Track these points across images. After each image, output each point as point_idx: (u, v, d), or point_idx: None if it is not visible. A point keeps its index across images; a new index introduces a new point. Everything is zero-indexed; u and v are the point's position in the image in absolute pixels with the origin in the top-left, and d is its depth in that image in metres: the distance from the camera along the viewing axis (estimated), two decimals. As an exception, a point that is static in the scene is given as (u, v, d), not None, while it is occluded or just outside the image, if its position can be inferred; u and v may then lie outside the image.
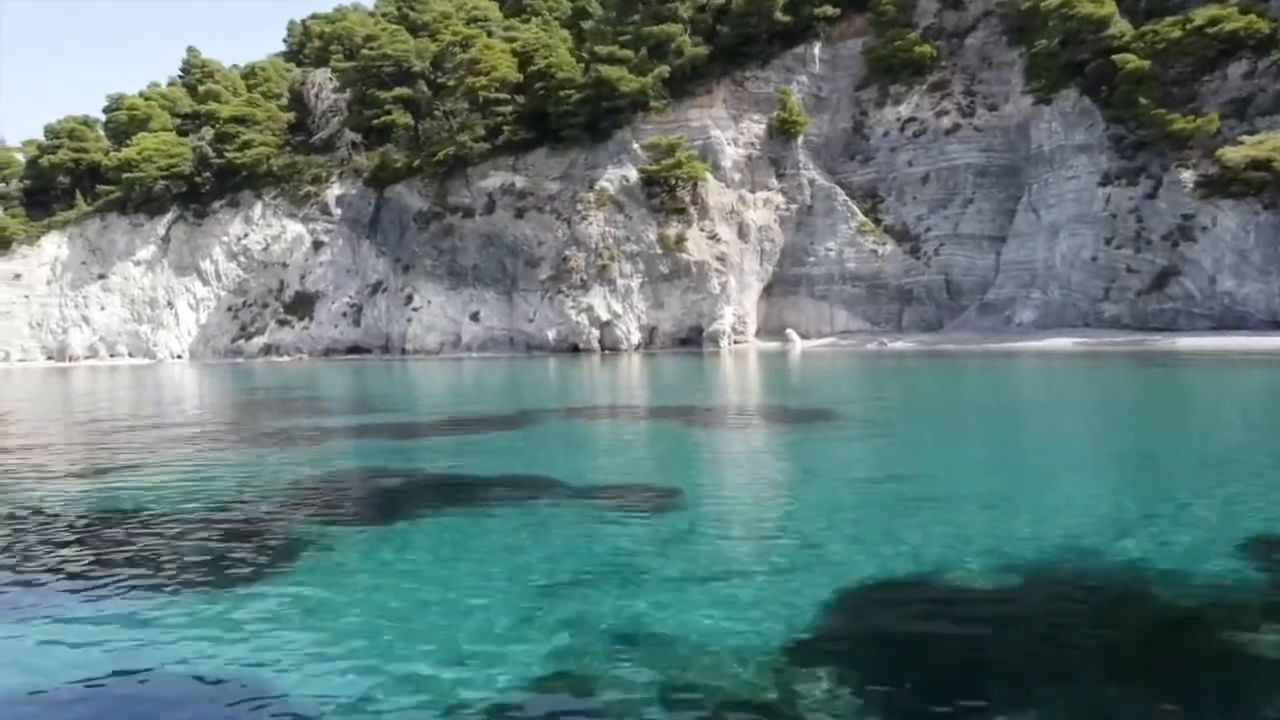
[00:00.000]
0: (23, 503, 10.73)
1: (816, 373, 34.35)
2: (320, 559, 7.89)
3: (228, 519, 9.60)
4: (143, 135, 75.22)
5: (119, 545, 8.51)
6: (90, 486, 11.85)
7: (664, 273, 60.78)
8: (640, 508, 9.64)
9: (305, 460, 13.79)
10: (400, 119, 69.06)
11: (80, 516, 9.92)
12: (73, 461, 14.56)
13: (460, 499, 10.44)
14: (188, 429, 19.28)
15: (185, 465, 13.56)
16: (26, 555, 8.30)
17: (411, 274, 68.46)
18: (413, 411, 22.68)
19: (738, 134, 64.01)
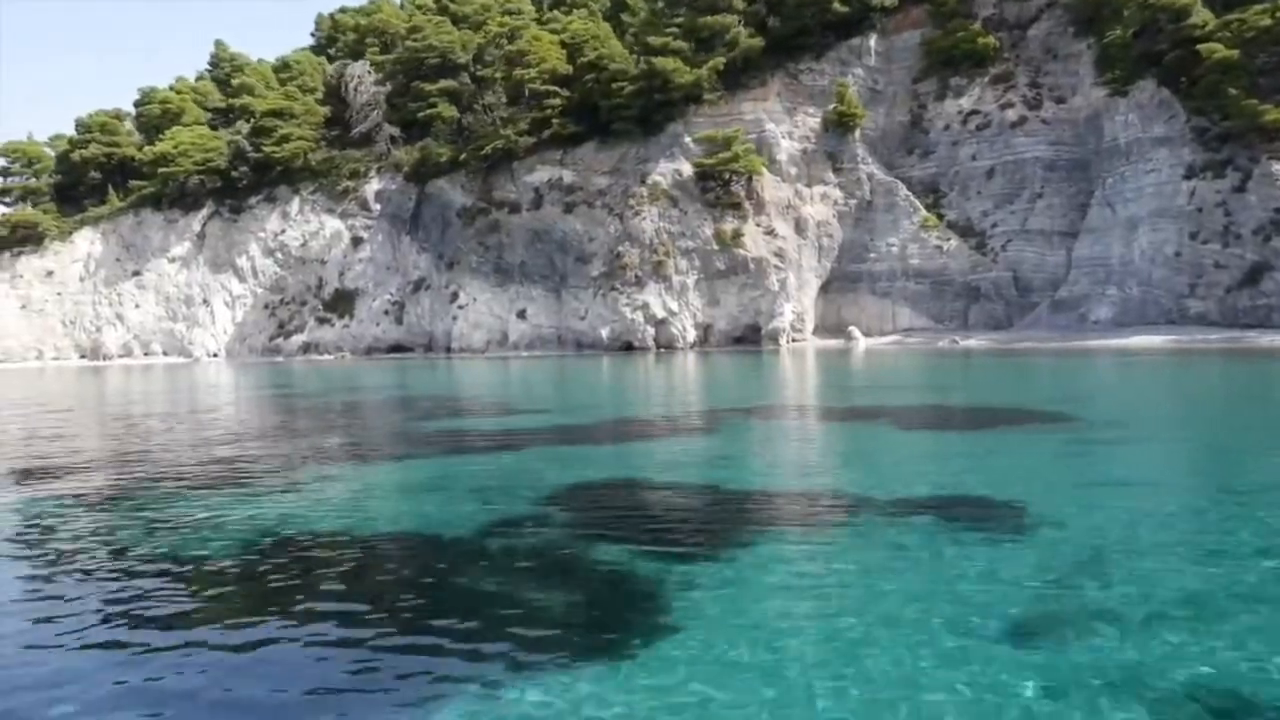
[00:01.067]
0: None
1: (921, 370, 32.85)
2: (708, 600, 6.38)
3: (529, 548, 8.13)
4: (177, 129, 73.69)
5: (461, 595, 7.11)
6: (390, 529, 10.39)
7: (720, 269, 59.36)
8: (991, 523, 8.25)
9: (550, 467, 12.33)
10: (446, 112, 67.52)
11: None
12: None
13: (780, 516, 8.99)
14: (369, 440, 17.83)
15: (443, 477, 12.12)
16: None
17: (456, 271, 66.99)
18: (573, 412, 21.05)
19: (792, 127, 62.57)
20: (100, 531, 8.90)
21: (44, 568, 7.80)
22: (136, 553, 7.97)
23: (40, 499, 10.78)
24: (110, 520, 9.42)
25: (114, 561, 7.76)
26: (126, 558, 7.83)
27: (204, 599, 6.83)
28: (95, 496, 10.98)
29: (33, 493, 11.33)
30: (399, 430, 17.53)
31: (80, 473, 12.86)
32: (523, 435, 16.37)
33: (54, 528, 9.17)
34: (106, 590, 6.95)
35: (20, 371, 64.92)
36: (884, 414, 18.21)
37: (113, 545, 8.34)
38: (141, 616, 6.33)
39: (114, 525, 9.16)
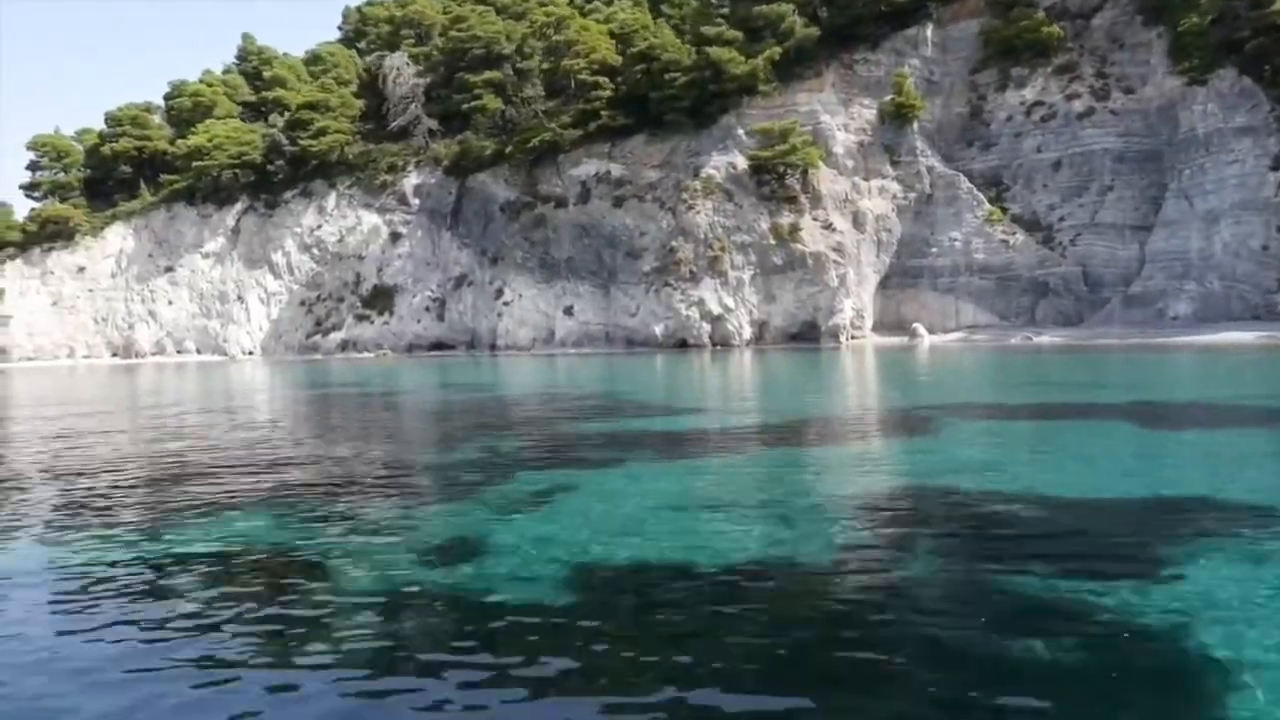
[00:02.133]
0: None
1: (1030, 367, 31.20)
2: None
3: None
4: (210, 122, 72.14)
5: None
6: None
7: (777, 264, 57.83)
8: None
9: (810, 474, 10.79)
10: (491, 103, 65.97)
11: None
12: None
13: (1191, 525, 7.43)
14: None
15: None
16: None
17: (500, 267, 65.44)
18: (742, 412, 19.21)
19: (848, 119, 61.09)
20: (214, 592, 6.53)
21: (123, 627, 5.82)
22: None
23: (81, 521, 9.08)
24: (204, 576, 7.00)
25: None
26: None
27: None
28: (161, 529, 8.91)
29: (69, 512, 9.64)
30: (572, 433, 15.98)
31: (124, 492, 11.16)
32: (721, 437, 14.85)
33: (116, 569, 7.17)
34: (201, 643, 5.39)
35: (51, 370, 63.39)
36: (1097, 412, 16.70)
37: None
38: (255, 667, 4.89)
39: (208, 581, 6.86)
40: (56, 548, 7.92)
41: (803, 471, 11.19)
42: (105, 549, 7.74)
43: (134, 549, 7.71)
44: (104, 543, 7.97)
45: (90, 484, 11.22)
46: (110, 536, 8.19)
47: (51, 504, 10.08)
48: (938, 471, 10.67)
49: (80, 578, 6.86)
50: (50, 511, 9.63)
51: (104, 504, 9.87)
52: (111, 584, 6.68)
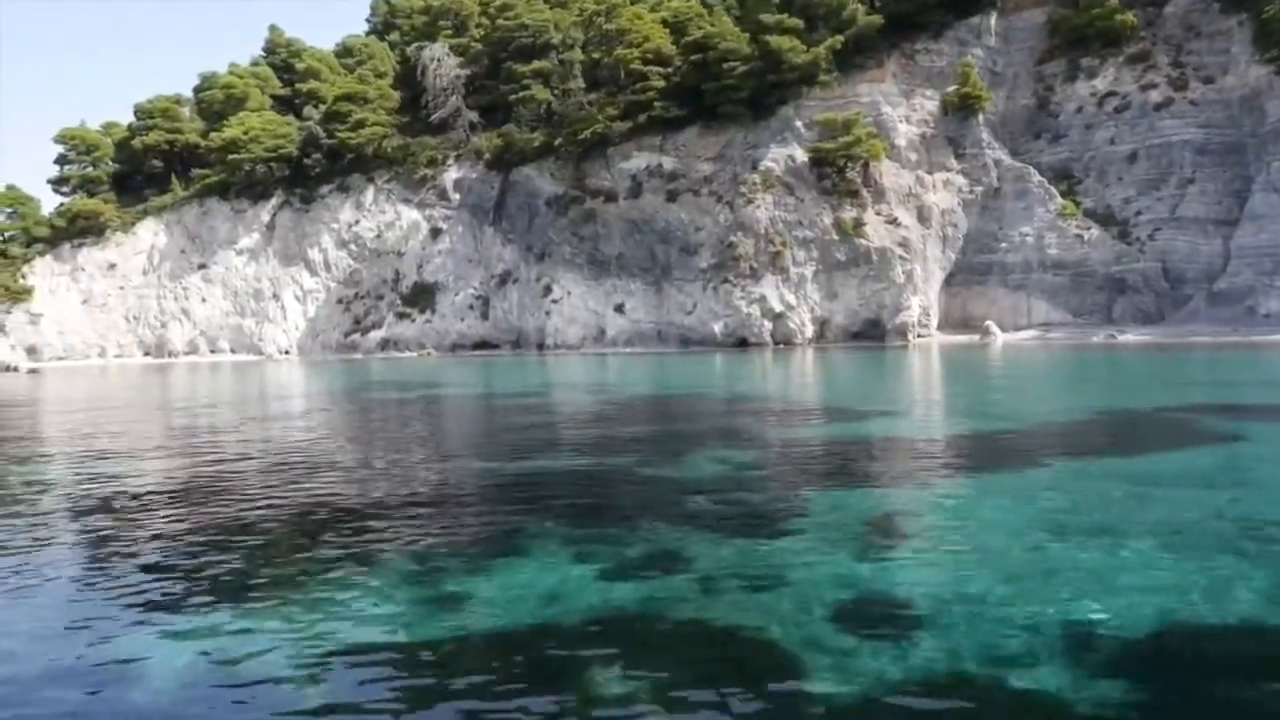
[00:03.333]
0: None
1: (1146, 366, 29.28)
2: None
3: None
4: (244, 114, 70.10)
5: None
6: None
7: (839, 260, 55.89)
8: None
9: (1122, 490, 8.86)
10: (540, 94, 64.00)
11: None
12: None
13: None
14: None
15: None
16: None
17: (548, 263, 63.47)
18: (953, 413, 17.60)
19: (909, 111, 59.18)
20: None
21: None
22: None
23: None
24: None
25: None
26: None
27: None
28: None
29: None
30: (807, 441, 14.03)
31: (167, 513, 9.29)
32: (970, 444, 12.90)
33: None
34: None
35: (83, 370, 61.43)
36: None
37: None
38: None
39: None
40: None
41: (1134, 484, 9.23)
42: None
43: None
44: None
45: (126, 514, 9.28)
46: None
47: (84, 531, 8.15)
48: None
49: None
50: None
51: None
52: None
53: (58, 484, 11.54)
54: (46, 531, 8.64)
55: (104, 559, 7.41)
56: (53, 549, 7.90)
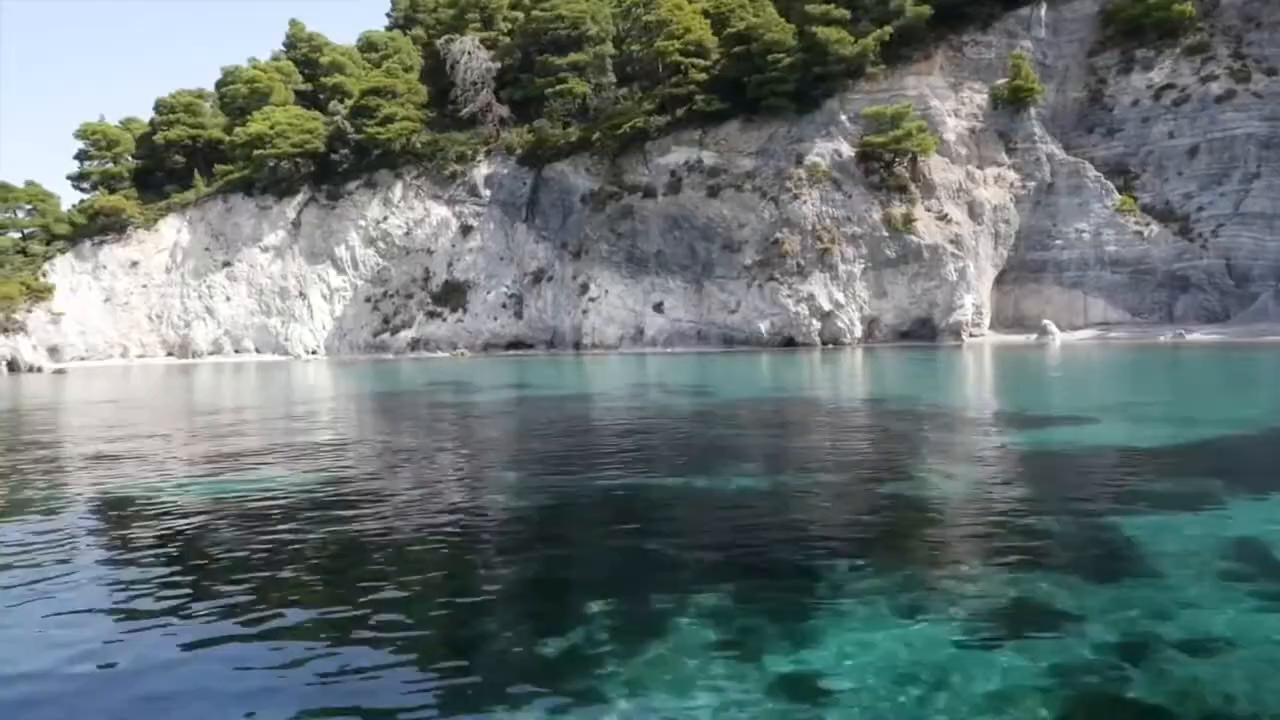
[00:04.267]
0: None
1: (1248, 368, 27.68)
2: None
3: None
4: (269, 109, 68.42)
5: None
6: None
7: (889, 257, 54.32)
8: None
9: None
10: (578, 87, 62.39)
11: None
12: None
13: None
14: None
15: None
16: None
17: (584, 261, 61.84)
18: (1143, 419, 15.97)
19: (958, 104, 57.61)
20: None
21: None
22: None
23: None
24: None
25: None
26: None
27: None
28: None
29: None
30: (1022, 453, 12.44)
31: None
32: (1216, 456, 11.32)
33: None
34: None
35: (105, 370, 59.80)
36: None
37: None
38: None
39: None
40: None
41: None
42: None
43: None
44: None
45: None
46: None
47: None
48: None
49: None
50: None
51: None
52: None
53: (120, 493, 9.95)
54: (121, 554, 7.22)
55: (181, 574, 6.32)
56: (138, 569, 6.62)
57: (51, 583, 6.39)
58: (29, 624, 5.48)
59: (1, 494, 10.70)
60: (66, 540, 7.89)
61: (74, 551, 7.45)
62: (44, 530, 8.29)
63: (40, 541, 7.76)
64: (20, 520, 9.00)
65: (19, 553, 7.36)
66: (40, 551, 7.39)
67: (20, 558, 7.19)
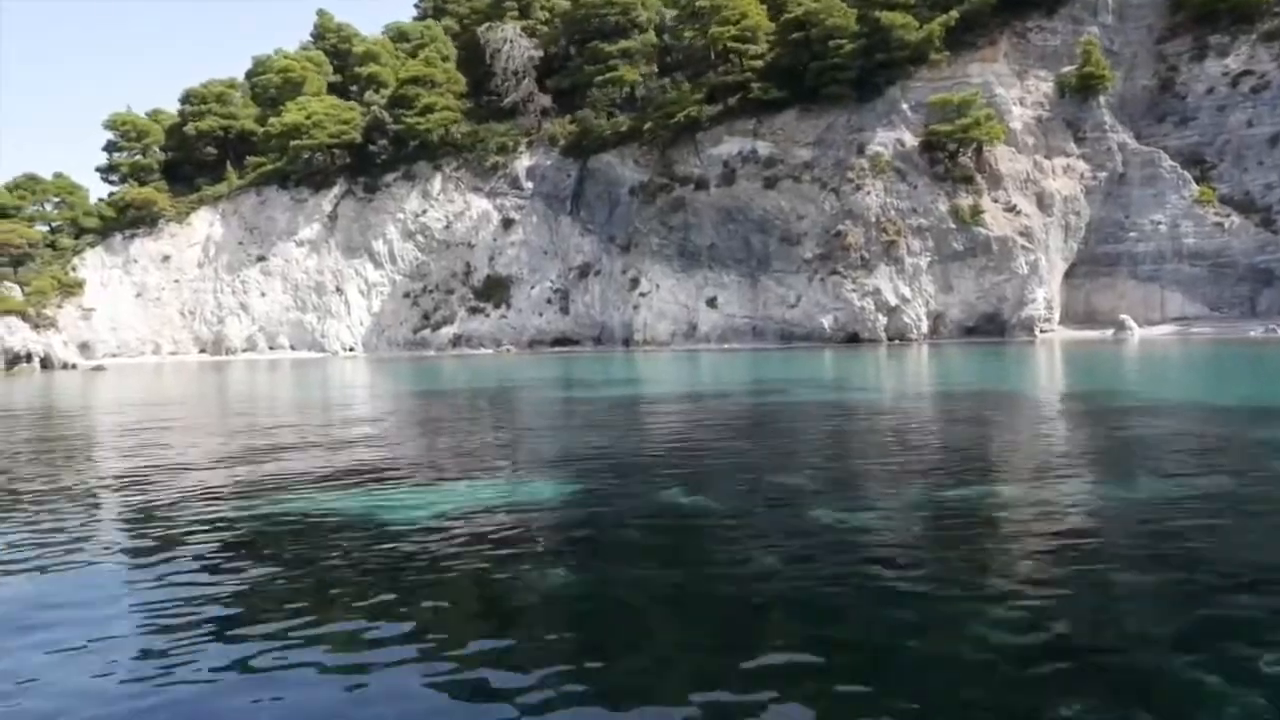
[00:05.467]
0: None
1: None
2: None
3: None
4: (304, 99, 66.53)
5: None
6: None
7: (957, 250, 52.50)
8: None
9: None
10: (630, 75, 60.53)
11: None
12: None
13: None
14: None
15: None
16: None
17: (634, 255, 59.97)
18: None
19: (1023, 93, 55.78)
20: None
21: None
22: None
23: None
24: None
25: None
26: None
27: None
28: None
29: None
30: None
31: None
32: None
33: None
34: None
35: (137, 367, 57.89)
36: None
37: None
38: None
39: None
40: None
41: None
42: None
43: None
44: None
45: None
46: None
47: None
48: None
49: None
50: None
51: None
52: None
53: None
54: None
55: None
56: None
57: (90, 594, 5.86)
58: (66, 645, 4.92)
59: (53, 504, 9.12)
60: (115, 550, 7.16)
61: (124, 563, 6.75)
62: (89, 539, 7.47)
63: (84, 552, 7.00)
64: (64, 531, 7.80)
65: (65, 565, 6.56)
66: (82, 562, 6.66)
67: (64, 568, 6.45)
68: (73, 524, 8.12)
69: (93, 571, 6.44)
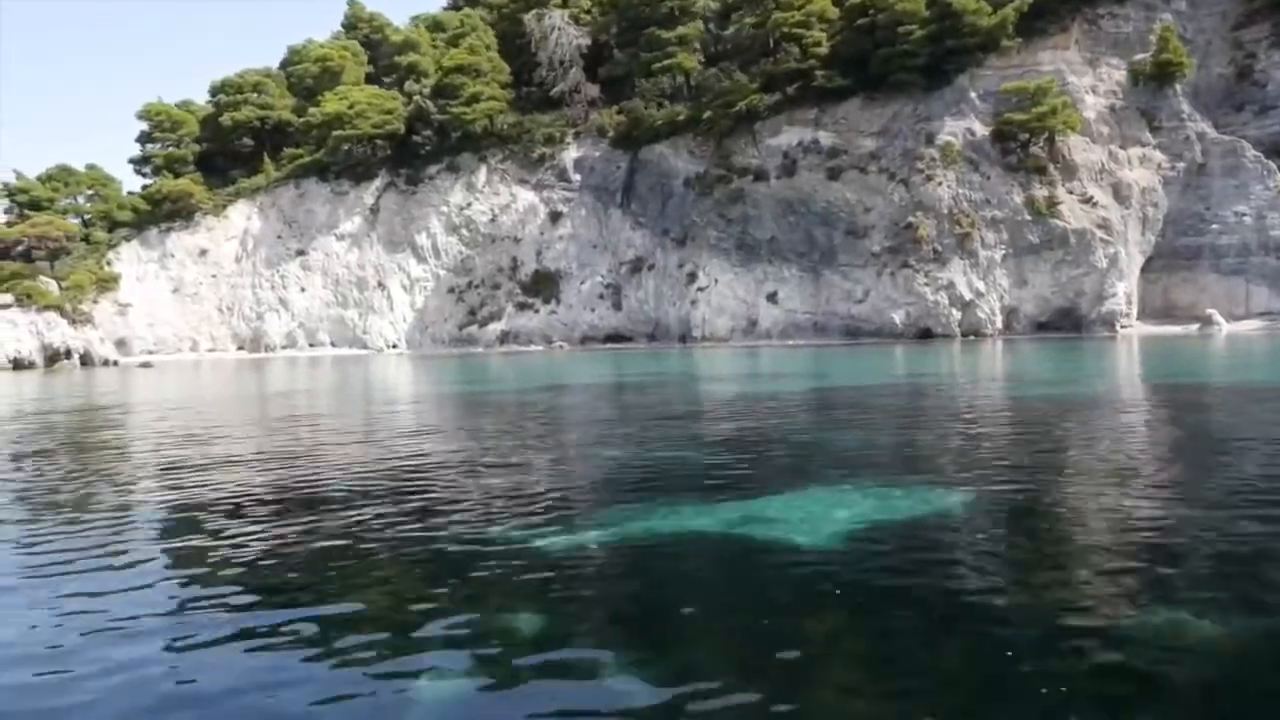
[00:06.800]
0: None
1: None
2: None
3: None
4: (345, 88, 64.65)
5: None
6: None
7: (1032, 243, 50.82)
8: None
9: None
10: (688, 62, 58.76)
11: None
12: None
13: None
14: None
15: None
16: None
17: (690, 248, 58.19)
18: None
19: (1095, 81, 54.12)
20: None
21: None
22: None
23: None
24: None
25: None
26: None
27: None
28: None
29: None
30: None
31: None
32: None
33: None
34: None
35: (175, 365, 55.99)
36: None
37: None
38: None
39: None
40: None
41: None
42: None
43: None
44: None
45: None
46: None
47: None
48: None
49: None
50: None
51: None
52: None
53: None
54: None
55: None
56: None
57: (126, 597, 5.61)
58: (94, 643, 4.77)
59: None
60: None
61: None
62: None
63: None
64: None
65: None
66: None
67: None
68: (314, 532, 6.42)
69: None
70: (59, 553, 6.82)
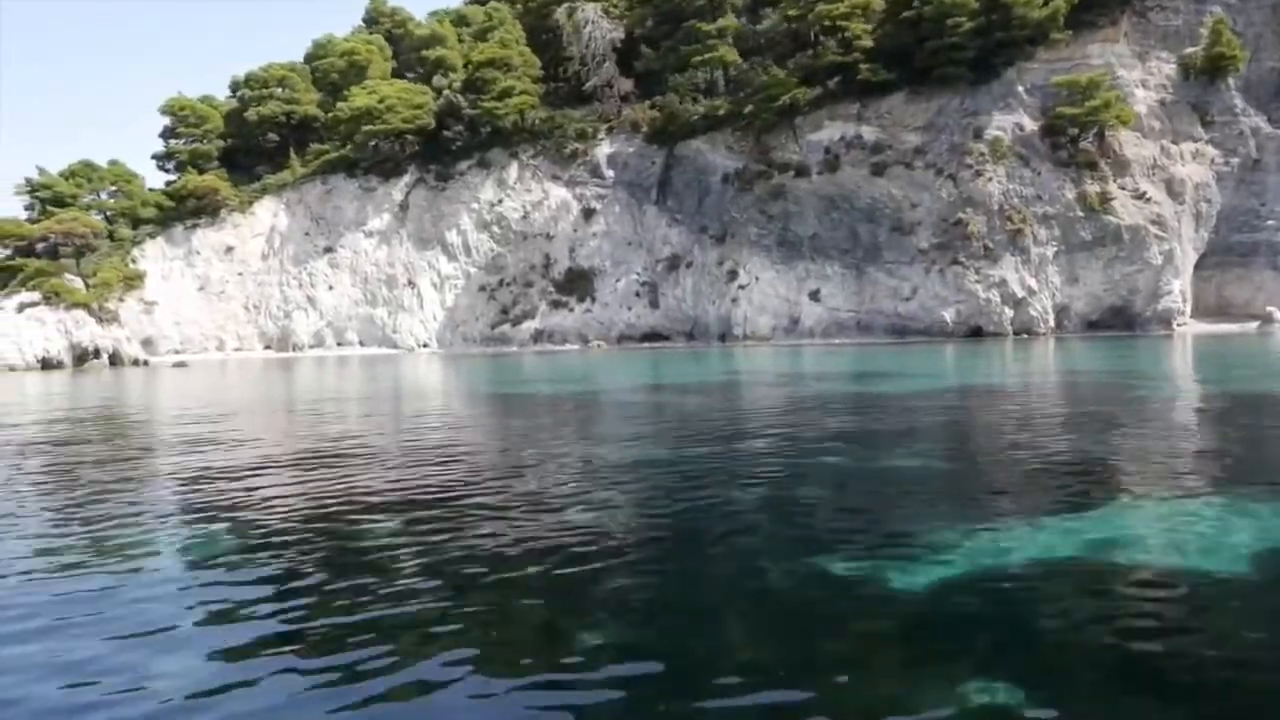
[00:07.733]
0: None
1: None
2: None
3: None
4: (374, 82, 63.43)
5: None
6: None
7: (1084, 240, 49.86)
8: None
9: None
10: (729, 56, 57.68)
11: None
12: None
13: None
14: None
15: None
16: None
17: (730, 246, 57.08)
18: None
19: (1145, 75, 53.18)
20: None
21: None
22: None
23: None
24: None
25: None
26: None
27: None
28: None
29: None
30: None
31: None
32: None
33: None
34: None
35: (202, 365, 54.71)
36: None
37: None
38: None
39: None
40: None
41: None
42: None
43: None
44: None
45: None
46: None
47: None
48: None
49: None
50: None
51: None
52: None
53: None
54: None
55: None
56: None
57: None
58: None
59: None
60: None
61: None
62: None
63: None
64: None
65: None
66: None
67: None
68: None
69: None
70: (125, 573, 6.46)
